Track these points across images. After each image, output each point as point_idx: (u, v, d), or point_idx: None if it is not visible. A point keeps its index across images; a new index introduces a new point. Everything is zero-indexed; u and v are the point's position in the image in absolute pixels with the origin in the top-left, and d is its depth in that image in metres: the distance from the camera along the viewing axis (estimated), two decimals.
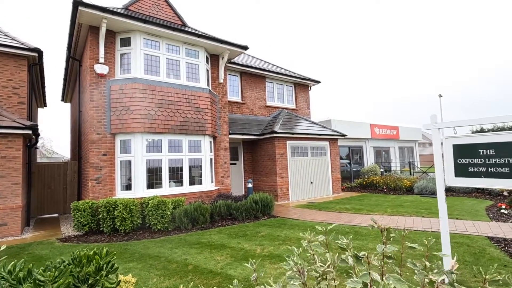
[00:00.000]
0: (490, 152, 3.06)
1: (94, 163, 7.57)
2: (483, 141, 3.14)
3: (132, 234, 6.71)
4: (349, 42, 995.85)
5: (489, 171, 3.05)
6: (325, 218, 7.74)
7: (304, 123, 12.64)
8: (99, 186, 7.59)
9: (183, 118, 8.58)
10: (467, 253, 4.52)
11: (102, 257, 1.75)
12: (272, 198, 8.42)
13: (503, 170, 2.96)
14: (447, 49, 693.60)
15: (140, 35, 8.21)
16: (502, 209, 7.46)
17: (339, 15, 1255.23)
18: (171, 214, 6.95)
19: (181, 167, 8.57)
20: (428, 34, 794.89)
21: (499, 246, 4.85)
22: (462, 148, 3.30)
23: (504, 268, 3.85)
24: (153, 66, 8.41)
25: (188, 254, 5.02)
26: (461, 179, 3.31)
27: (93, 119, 7.67)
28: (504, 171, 2.95)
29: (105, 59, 7.98)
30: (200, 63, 9.34)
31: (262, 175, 11.56)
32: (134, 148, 7.86)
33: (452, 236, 5.50)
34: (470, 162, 3.21)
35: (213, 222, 7.51)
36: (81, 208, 6.70)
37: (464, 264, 4.08)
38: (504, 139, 3.00)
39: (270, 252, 4.97)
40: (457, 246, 4.90)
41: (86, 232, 6.87)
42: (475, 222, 6.59)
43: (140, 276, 4.10)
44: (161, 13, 9.85)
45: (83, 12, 7.17)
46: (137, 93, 7.89)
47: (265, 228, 6.82)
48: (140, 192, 7.78)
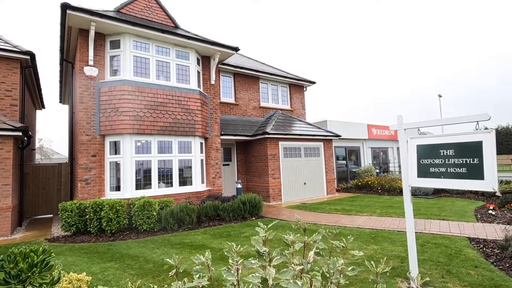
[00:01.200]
0: (450, 153, 3.06)
1: (83, 164, 7.67)
2: (444, 141, 3.15)
3: (118, 235, 6.79)
4: (347, 43, 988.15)
5: (449, 171, 3.06)
6: (312, 219, 7.75)
7: (298, 124, 12.65)
8: (88, 187, 7.69)
9: (172, 119, 8.66)
10: (443, 254, 4.51)
11: (39, 255, 1.81)
12: (261, 199, 8.45)
13: (461, 170, 2.96)
14: (444, 41, 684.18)
15: (129, 38, 8.31)
16: (490, 210, 7.40)
17: (337, 15, 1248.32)
18: (157, 215, 7.02)
19: (170, 168, 8.65)
20: (424, 29, 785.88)
21: (478, 247, 4.83)
22: (425, 148, 3.30)
23: (474, 269, 3.84)
24: (143, 68, 8.51)
25: (167, 254, 5.08)
26: (423, 179, 3.31)
27: (82, 121, 7.78)
28: (462, 172, 2.96)
29: (95, 61, 8.08)
30: (191, 64, 9.41)
31: (255, 176, 11.59)
32: (123, 149, 7.96)
33: (433, 237, 5.49)
34: (431, 163, 3.22)
35: (200, 223, 7.56)
36: (68, 209, 6.80)
37: (436, 265, 4.07)
38: (463, 139, 3.00)
39: (248, 252, 5.00)
40: (435, 247, 4.88)
41: (74, 232, 6.96)
42: (461, 223, 6.55)
43: (115, 275, 4.16)
44: (153, 15, 9.96)
45: (72, 15, 7.28)
46: (126, 95, 7.98)
47: (250, 228, 6.86)
48: (128, 193, 7.86)
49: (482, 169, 2.83)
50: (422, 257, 4.42)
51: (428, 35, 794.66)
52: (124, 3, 9.43)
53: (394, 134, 19.52)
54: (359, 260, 4.41)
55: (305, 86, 14.98)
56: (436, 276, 3.68)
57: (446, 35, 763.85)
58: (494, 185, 2.72)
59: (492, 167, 2.75)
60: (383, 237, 5.60)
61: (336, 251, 4.78)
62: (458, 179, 3.00)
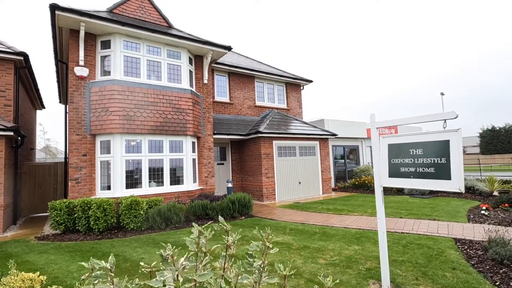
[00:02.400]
0: (419, 152, 2.98)
1: (74, 163, 7.73)
2: (414, 140, 3.07)
3: (106, 233, 6.83)
4: (347, 41, 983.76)
5: (417, 171, 2.98)
6: (302, 219, 7.68)
7: (293, 123, 12.57)
8: (78, 186, 7.75)
9: (163, 118, 8.67)
10: (423, 255, 4.42)
11: None
12: (251, 198, 8.41)
13: (430, 170, 2.88)
14: (443, 37, 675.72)
15: (120, 38, 8.34)
16: (483, 210, 7.24)
17: (337, 14, 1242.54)
18: (145, 214, 7.04)
19: (161, 167, 8.67)
20: (422, 26, 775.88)
21: (462, 249, 4.72)
22: (396, 147, 3.23)
23: (451, 271, 3.75)
24: (133, 68, 8.53)
25: (147, 253, 5.08)
26: (394, 179, 3.24)
27: (73, 120, 7.84)
28: (430, 172, 2.88)
29: (86, 61, 8.13)
30: (182, 64, 9.41)
31: (249, 175, 11.56)
32: (113, 149, 8.00)
33: (419, 238, 5.39)
34: (401, 162, 3.14)
35: (188, 222, 7.56)
36: (57, 207, 6.86)
37: (413, 266, 3.99)
38: (431, 138, 2.92)
39: (229, 253, 4.96)
40: (417, 248, 4.79)
41: (64, 231, 7.02)
42: (451, 224, 6.43)
43: None
44: (146, 15, 9.98)
45: (61, 16, 7.33)
46: (116, 95, 8.01)
47: (237, 228, 6.82)
48: (118, 192, 7.90)
49: (449, 168, 2.75)
50: (402, 258, 4.34)
51: (427, 32, 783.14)
52: (117, 4, 9.47)
53: (394, 133, 19.29)
54: (337, 260, 4.35)
55: (302, 85, 14.88)
56: (410, 278, 3.60)
57: (444, 31, 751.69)
58: (460, 186, 2.64)
59: (459, 167, 2.67)
60: (367, 238, 5.52)
61: (312, 250, 4.74)
62: (426, 179, 2.92)
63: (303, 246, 5.18)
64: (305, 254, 4.72)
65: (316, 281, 3.62)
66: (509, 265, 3.79)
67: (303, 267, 4.10)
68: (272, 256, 4.64)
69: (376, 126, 3.48)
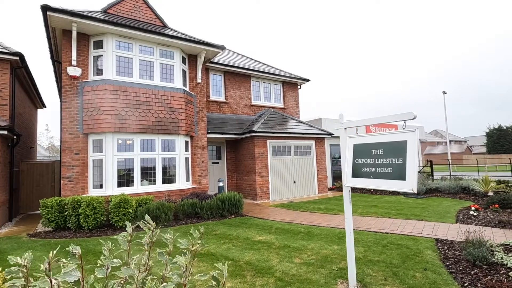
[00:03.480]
0: (379, 152, 2.99)
1: (66, 162, 7.88)
2: (376, 141, 3.07)
3: (96, 231, 6.95)
4: (348, 40, 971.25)
5: (377, 171, 2.98)
6: (290, 218, 7.70)
7: (289, 122, 12.56)
8: (71, 184, 7.89)
9: (155, 118, 8.76)
10: (400, 255, 4.41)
11: None
12: (241, 197, 8.45)
13: (388, 170, 2.88)
14: (442, 29, 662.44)
15: (112, 38, 8.45)
16: (472, 211, 7.16)
17: (338, 13, 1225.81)
18: (134, 212, 7.14)
19: (154, 166, 8.77)
20: (420, 23, 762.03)
21: (442, 249, 4.70)
22: (360, 148, 3.23)
23: (422, 272, 3.74)
24: (126, 68, 8.63)
25: None
26: (356, 179, 3.24)
27: (66, 120, 7.97)
28: (388, 172, 2.88)
29: (79, 61, 8.26)
30: (175, 63, 9.48)
31: (243, 174, 11.61)
32: (105, 148, 8.12)
33: (400, 238, 5.37)
34: (364, 162, 3.14)
35: (178, 220, 7.65)
36: (48, 205, 7.00)
37: (386, 266, 3.99)
38: (391, 139, 2.92)
39: (208, 251, 5.03)
40: (396, 248, 4.78)
41: (55, 228, 7.16)
42: (437, 224, 6.38)
43: None
44: (140, 15, 10.08)
45: (53, 17, 7.45)
46: (108, 94, 8.13)
47: (224, 227, 6.88)
48: (110, 190, 8.02)
49: (405, 169, 2.75)
50: (377, 258, 4.33)
51: (427, 31, 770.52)
52: (111, 4, 9.59)
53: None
54: (312, 260, 4.37)
55: (299, 84, 14.85)
56: (379, 278, 3.61)
57: (445, 26, 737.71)
58: (413, 186, 2.64)
59: (414, 167, 2.67)
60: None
61: (292, 249, 4.76)
62: (384, 179, 2.93)
63: (283, 245, 5.21)
64: (283, 253, 4.75)
65: (286, 280, 3.65)
66: (481, 266, 3.76)
67: (277, 266, 4.13)
68: (250, 255, 4.69)
69: (344, 126, 3.48)
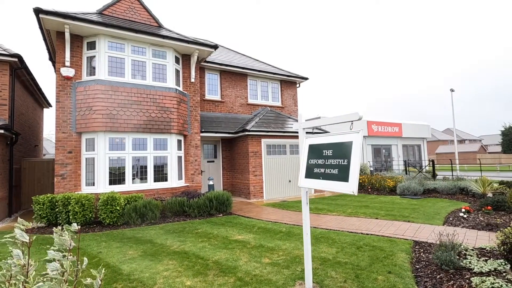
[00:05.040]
0: (329, 153, 2.94)
1: (59, 160, 8.10)
2: (328, 141, 3.03)
3: (84, 227, 7.13)
4: (350, 39, 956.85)
5: (326, 172, 2.94)
6: (277, 217, 7.68)
7: (285, 121, 12.49)
8: (64, 182, 8.12)
9: (147, 117, 8.89)
10: (370, 257, 4.34)
11: None
12: (230, 196, 8.49)
13: (334, 171, 2.84)
14: (451, 38, 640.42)
15: (104, 39, 8.60)
16: (462, 212, 6.95)
17: (339, 11, 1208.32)
18: (122, 210, 7.28)
19: (145, 164, 8.91)
20: (429, 26, 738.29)
21: (417, 251, 4.60)
22: (313, 148, 3.20)
23: (385, 275, 3.67)
24: (118, 68, 8.78)
25: (107, 248, 5.29)
26: (308, 180, 3.21)
27: (59, 119, 8.19)
28: (335, 173, 2.83)
29: (72, 62, 8.46)
30: (168, 63, 9.58)
31: (238, 172, 11.64)
32: (97, 146, 8.30)
33: (378, 240, 5.29)
34: (315, 163, 3.11)
35: (165, 218, 7.75)
36: (40, 202, 7.23)
37: (351, 269, 3.93)
38: (340, 139, 2.88)
39: (182, 249, 5.08)
40: (369, 250, 4.70)
41: (48, 224, 7.39)
42: (423, 226, 6.24)
43: (40, 266, 4.40)
44: (136, 16, 10.23)
45: (45, 19, 7.66)
46: (99, 94, 8.30)
47: (208, 225, 6.94)
48: (101, 188, 8.20)
49: (349, 170, 2.70)
50: (346, 260, 4.28)
51: (432, 33, 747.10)
52: (107, 5, 9.77)
53: (398, 131, 18.75)
54: (280, 260, 4.35)
55: (297, 82, 14.74)
56: (339, 280, 3.56)
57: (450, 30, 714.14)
58: (354, 188, 2.59)
59: (356, 169, 2.62)
60: (327, 238, 5.47)
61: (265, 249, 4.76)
62: (331, 180, 2.88)
63: (258, 245, 5.21)
64: (255, 253, 4.76)
65: (246, 280, 3.66)
66: (448, 271, 3.66)
67: (243, 266, 4.14)
68: (221, 255, 4.72)
69: (302, 126, 3.45)
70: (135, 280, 3.76)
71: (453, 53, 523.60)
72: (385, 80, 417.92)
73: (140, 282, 3.68)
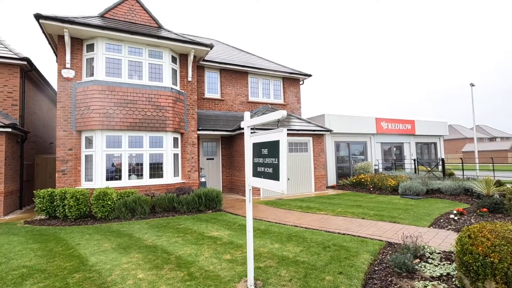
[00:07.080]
0: (266, 152, 2.94)
1: (60, 157, 8.60)
2: (264, 140, 3.02)
3: (79, 220, 7.54)
4: (358, 37, 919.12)
5: (265, 171, 2.94)
6: (264, 215, 7.70)
7: (286, 118, 12.42)
8: (65, 177, 8.61)
9: (142, 116, 9.20)
10: (331, 257, 4.27)
11: None
12: (220, 193, 8.61)
13: (269, 170, 2.84)
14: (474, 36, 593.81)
15: (102, 41, 8.98)
16: (452, 214, 6.60)
17: (349, 9, 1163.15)
18: (114, 204, 7.62)
19: (141, 161, 9.23)
20: (447, 23, 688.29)
21: (384, 253, 4.47)
22: (256, 147, 3.20)
23: (335, 275, 3.60)
24: (115, 68, 9.14)
25: (88, 240, 5.57)
26: (254, 179, 3.22)
27: (60, 118, 8.69)
28: (270, 172, 2.83)
29: (73, 64, 8.92)
30: (164, 63, 9.83)
31: (236, 170, 11.74)
32: (95, 144, 8.72)
33: (350, 240, 5.19)
34: (258, 162, 3.11)
35: (155, 214, 8.01)
36: (41, 196, 7.73)
37: (305, 268, 3.89)
38: (272, 138, 2.87)
39: (153, 243, 5.25)
40: (335, 249, 4.63)
41: (48, 217, 7.90)
42: (407, 227, 6.03)
43: (22, 254, 4.75)
44: (136, 17, 10.58)
45: (45, 24, 8.13)
46: (97, 94, 8.69)
47: (192, 221, 7.09)
48: (99, 183, 8.62)
49: (278, 169, 2.70)
50: (305, 259, 4.24)
51: (437, 33, 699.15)
52: (108, 8, 10.17)
53: (411, 129, 18.02)
54: (240, 257, 4.40)
55: (301, 80, 14.56)
56: (285, 279, 3.55)
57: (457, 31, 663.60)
58: (283, 188, 2.59)
59: (284, 168, 2.61)
60: (298, 237, 5.43)
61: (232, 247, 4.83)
62: (267, 179, 2.89)
63: (229, 241, 5.28)
64: (221, 249, 4.83)
65: (195, 275, 3.75)
66: (401, 274, 3.54)
67: (201, 262, 4.23)
68: (187, 250, 4.83)
69: (247, 125, 3.46)
70: (94, 271, 3.96)
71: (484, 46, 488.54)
72: (414, 78, 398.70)
73: (98, 273, 3.87)
